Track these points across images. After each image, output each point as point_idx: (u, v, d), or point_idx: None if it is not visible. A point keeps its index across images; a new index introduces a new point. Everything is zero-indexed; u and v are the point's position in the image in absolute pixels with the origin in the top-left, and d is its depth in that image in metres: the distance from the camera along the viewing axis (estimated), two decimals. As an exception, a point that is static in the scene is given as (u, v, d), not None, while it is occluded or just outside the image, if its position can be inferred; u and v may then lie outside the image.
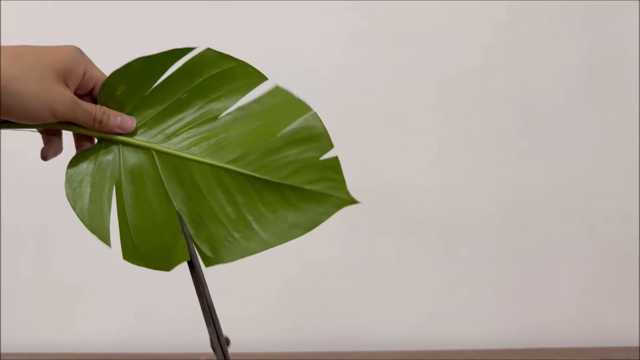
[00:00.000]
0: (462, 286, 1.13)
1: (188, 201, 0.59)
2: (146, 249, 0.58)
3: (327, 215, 0.61)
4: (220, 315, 0.62)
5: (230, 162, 0.60)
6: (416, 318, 1.13)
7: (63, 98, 0.54)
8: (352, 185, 1.10)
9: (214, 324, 0.61)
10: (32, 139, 0.61)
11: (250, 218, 0.59)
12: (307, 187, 0.60)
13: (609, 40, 1.10)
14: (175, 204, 0.59)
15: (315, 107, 0.60)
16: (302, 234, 0.61)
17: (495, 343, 1.11)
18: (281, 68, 1.07)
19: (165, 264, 0.58)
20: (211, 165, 0.60)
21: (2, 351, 1.11)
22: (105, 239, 0.57)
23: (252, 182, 0.60)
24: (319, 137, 0.60)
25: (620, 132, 1.11)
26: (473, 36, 1.10)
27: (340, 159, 0.60)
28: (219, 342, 0.60)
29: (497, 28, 1.11)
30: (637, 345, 1.09)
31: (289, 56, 1.09)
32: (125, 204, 0.59)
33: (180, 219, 0.59)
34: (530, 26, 1.10)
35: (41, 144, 0.60)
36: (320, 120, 0.60)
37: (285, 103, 0.60)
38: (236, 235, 0.59)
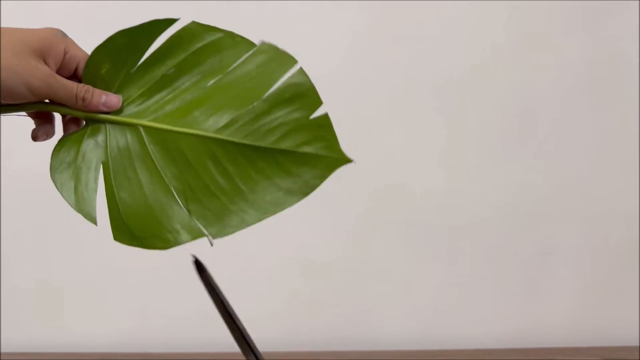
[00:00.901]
0: (463, 286, 1.13)
1: (179, 175, 0.57)
2: (138, 229, 0.56)
3: (322, 178, 0.58)
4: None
5: (219, 130, 0.58)
6: (416, 317, 1.13)
7: (39, 72, 0.53)
8: (352, 184, 1.10)
9: (254, 354, 0.57)
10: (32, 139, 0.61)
11: (244, 188, 0.57)
12: (299, 149, 0.57)
13: (609, 40, 1.10)
14: (166, 179, 0.57)
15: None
16: (298, 200, 0.57)
17: (495, 342, 1.11)
18: None
19: (160, 242, 0.56)
20: (199, 136, 0.58)
21: (2, 351, 1.11)
22: (92, 219, 0.56)
23: (243, 150, 0.58)
24: (306, 94, 0.58)
25: (620, 132, 1.11)
26: (473, 36, 1.10)
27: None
28: None
29: (497, 28, 1.11)
30: (637, 344, 1.09)
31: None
32: (113, 184, 0.57)
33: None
34: (530, 26, 1.10)
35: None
36: (307, 75, 0.58)
37: (271, 59, 0.58)
38: (231, 207, 0.57)
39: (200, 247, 0.59)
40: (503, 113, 1.11)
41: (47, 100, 0.57)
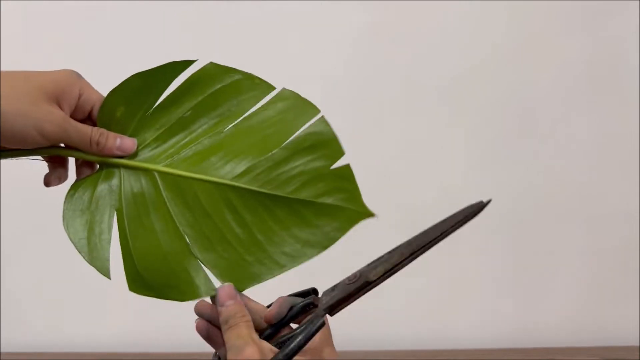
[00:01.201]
0: (462, 285, 1.13)
1: (194, 223, 0.55)
2: (152, 278, 0.54)
3: (343, 230, 0.57)
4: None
5: (236, 178, 0.55)
6: (416, 317, 1.13)
7: (52, 117, 0.52)
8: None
9: None
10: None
11: (261, 238, 0.55)
12: (319, 200, 0.55)
13: (609, 40, 1.10)
14: (180, 227, 0.55)
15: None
16: (317, 253, 0.57)
17: (495, 342, 1.11)
18: (284, 69, 1.07)
19: (176, 293, 0.54)
20: (216, 183, 0.55)
21: (2, 351, 1.11)
22: (105, 271, 0.55)
23: (261, 199, 0.55)
24: (328, 144, 0.55)
25: (620, 132, 1.11)
26: (473, 36, 1.10)
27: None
28: None
29: (496, 28, 1.11)
30: (637, 344, 1.09)
31: (293, 56, 1.09)
32: (127, 231, 0.55)
33: None
34: (530, 26, 1.10)
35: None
36: (328, 125, 0.55)
37: (292, 106, 0.56)
38: (248, 257, 0.55)
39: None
40: (503, 113, 1.11)
41: (61, 144, 0.55)
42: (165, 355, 1.08)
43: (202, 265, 0.55)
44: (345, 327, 1.14)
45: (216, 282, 0.55)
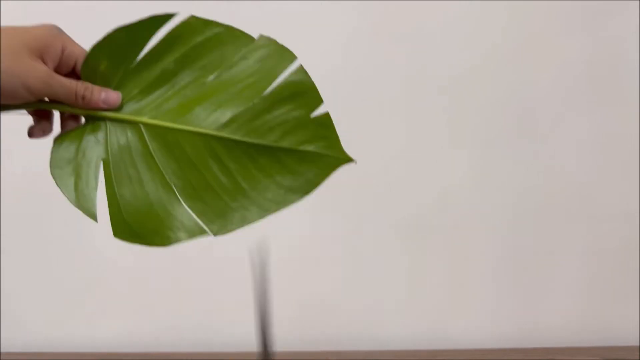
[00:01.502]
0: (463, 285, 1.13)
1: (180, 173, 0.57)
2: (138, 225, 0.56)
3: (324, 176, 0.58)
4: (221, 314, 0.62)
5: (220, 128, 0.57)
6: (416, 317, 1.13)
7: (37, 72, 0.53)
8: (352, 184, 1.10)
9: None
10: (32, 140, 0.61)
11: (245, 185, 0.57)
12: (301, 147, 0.57)
13: (609, 40, 1.10)
14: (167, 176, 0.57)
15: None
16: (300, 198, 0.58)
17: (495, 342, 1.11)
18: None
19: (160, 239, 0.56)
20: (200, 133, 0.57)
21: (2, 351, 1.11)
22: (92, 215, 0.56)
23: (244, 148, 0.57)
24: (307, 92, 0.58)
25: (620, 132, 1.11)
26: (473, 36, 1.10)
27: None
28: None
29: (497, 28, 1.11)
30: (638, 344, 1.09)
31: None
32: (114, 181, 0.57)
33: None
34: (530, 26, 1.10)
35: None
36: (307, 73, 0.58)
37: (271, 54, 0.58)
38: (233, 204, 0.57)
39: (201, 247, 0.59)
40: (503, 113, 1.11)
41: (46, 99, 0.56)
42: (165, 355, 1.08)
43: (188, 212, 0.57)
44: (345, 327, 1.14)
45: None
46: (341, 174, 1.12)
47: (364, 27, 1.10)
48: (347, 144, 0.58)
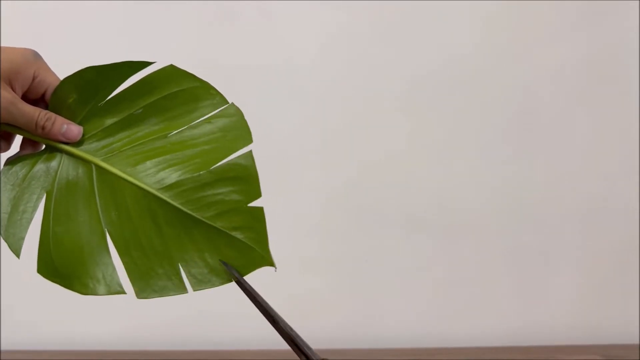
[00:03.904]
0: (462, 284, 1.13)
1: (117, 222, 0.56)
2: (63, 266, 0.55)
3: (246, 270, 0.56)
4: (221, 314, 0.62)
5: (163, 189, 0.56)
6: (416, 316, 1.13)
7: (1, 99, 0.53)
8: (352, 183, 1.10)
9: (304, 354, 0.56)
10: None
11: (174, 254, 0.56)
12: (232, 233, 0.56)
13: (609, 40, 1.10)
14: (102, 221, 0.56)
15: (312, 106, 0.57)
16: (220, 284, 0.57)
17: (495, 341, 1.11)
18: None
19: (80, 286, 0.55)
20: (144, 190, 0.56)
21: (2, 350, 1.11)
22: (16, 249, 0.56)
23: (181, 217, 0.56)
24: (249, 181, 0.56)
25: (620, 132, 1.12)
26: (472, 35, 1.11)
27: (338, 156, 0.58)
28: None
29: (496, 27, 1.11)
30: (637, 343, 1.09)
31: (291, 56, 1.09)
32: (51, 215, 0.56)
33: None
34: (530, 26, 1.11)
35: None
36: (253, 161, 0.56)
37: (233, 127, 0.57)
38: (158, 270, 0.56)
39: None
40: (503, 113, 1.11)
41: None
42: (165, 353, 1.08)
43: (114, 265, 0.56)
44: (344, 324, 1.14)
45: (124, 284, 0.56)
46: (341, 173, 1.12)
47: (364, 26, 1.10)
48: (347, 143, 0.58)
